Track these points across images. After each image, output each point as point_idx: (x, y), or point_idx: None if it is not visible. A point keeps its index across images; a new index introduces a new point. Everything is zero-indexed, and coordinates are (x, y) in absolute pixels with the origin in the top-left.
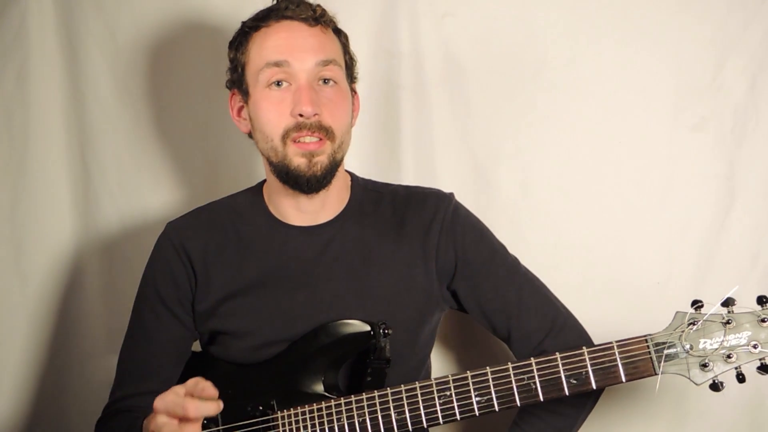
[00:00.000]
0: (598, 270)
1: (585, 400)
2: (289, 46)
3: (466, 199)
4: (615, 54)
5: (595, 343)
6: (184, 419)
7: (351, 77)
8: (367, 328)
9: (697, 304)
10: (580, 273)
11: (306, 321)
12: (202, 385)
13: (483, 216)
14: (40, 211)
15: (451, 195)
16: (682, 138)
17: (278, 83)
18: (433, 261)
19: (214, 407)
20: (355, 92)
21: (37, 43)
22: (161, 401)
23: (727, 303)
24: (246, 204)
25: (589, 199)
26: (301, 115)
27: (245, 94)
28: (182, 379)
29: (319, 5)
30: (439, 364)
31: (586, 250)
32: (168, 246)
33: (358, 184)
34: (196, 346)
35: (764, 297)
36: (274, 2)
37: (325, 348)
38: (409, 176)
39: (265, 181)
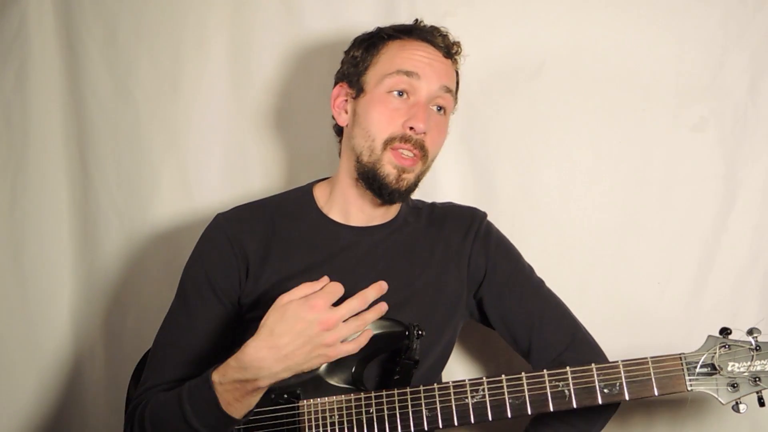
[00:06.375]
0: (598, 269)
1: (597, 416)
2: (423, 63)
3: (466, 199)
4: (615, 54)
5: (607, 356)
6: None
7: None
8: (402, 328)
9: (726, 332)
10: (580, 272)
11: None
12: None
13: None
14: (39, 211)
15: (485, 213)
16: (682, 138)
17: (400, 93)
18: (465, 267)
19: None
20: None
21: (37, 43)
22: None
23: (752, 332)
24: (296, 202)
25: (589, 199)
26: (411, 128)
27: (358, 90)
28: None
29: (458, 42)
30: (454, 369)
31: (586, 249)
32: (222, 236)
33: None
34: None
35: None
36: (413, 21)
37: None
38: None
39: (314, 183)
